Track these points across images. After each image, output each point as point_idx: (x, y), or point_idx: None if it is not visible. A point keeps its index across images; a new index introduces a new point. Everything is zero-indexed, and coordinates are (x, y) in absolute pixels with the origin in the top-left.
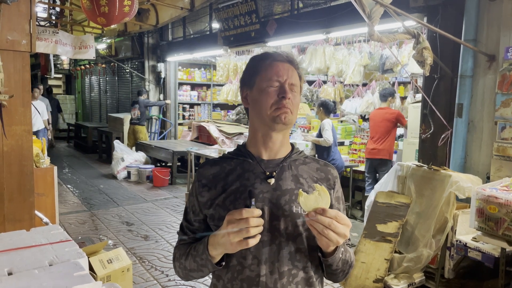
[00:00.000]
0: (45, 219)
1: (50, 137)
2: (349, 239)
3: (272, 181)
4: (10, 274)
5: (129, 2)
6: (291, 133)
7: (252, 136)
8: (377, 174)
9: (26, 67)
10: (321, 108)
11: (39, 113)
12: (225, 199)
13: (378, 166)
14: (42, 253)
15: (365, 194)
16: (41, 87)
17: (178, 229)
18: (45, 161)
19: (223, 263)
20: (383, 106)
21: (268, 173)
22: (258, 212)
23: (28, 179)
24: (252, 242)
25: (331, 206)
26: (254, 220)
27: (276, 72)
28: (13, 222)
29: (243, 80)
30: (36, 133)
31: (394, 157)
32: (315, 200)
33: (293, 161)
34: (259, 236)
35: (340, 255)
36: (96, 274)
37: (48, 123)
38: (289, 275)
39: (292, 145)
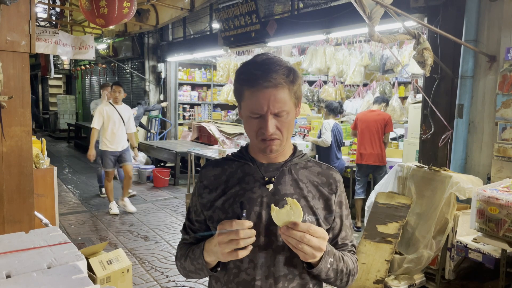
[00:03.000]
0: (45, 220)
1: (135, 158)
2: (353, 246)
3: (271, 186)
4: (8, 276)
5: (128, 4)
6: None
7: (251, 143)
8: (371, 177)
9: (26, 68)
10: (325, 109)
11: (124, 123)
12: (225, 202)
13: (374, 171)
14: (40, 255)
15: (355, 197)
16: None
17: (182, 228)
18: (45, 161)
19: (219, 269)
20: (374, 108)
21: (267, 178)
22: (249, 224)
23: (28, 180)
24: (242, 254)
25: (331, 211)
26: (244, 232)
27: (256, 104)
28: (13, 223)
29: (234, 95)
30: (121, 155)
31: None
32: (287, 214)
33: (293, 165)
34: (250, 248)
35: (329, 265)
36: (95, 275)
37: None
38: (284, 280)
39: (295, 147)
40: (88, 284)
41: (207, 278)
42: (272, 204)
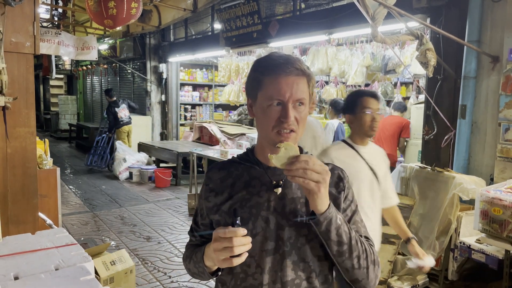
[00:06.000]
0: (49, 221)
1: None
2: (367, 239)
3: (279, 190)
4: (16, 278)
5: (136, 5)
6: None
7: (259, 145)
8: None
9: (30, 69)
10: (330, 107)
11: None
12: (231, 207)
13: None
14: (48, 257)
15: None
16: None
17: (189, 229)
18: (48, 162)
19: (219, 273)
20: (395, 114)
21: (274, 182)
22: (242, 231)
23: (32, 181)
24: (237, 262)
25: (339, 210)
26: (237, 239)
27: (278, 90)
28: (17, 224)
29: (247, 88)
30: None
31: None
32: (284, 155)
33: None
34: (245, 255)
35: (338, 222)
36: (99, 276)
37: None
38: (292, 285)
39: (301, 149)
40: (96, 286)
41: (210, 280)
42: (269, 154)
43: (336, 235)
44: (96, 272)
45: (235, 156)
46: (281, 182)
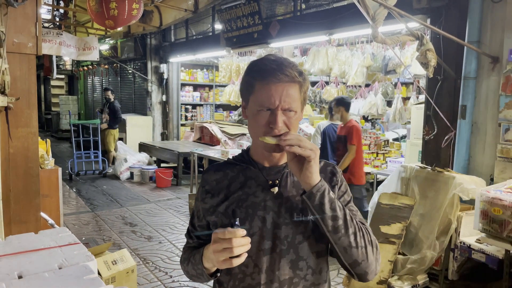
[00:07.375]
0: (51, 221)
1: None
2: (363, 224)
3: (276, 190)
4: (20, 277)
5: (137, 6)
6: None
7: (254, 145)
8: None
9: (32, 69)
10: (327, 109)
11: None
12: (228, 207)
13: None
14: (51, 256)
15: None
16: None
17: (186, 231)
18: (50, 162)
19: (218, 274)
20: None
21: (270, 181)
22: (242, 232)
23: (34, 181)
24: (236, 262)
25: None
26: (237, 240)
27: (268, 97)
28: (19, 224)
29: (241, 90)
30: None
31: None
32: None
33: None
34: (245, 255)
35: (332, 196)
36: (101, 276)
37: None
38: (289, 284)
39: None
40: (100, 285)
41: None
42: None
43: (330, 208)
44: (97, 272)
45: (231, 157)
46: (277, 182)
